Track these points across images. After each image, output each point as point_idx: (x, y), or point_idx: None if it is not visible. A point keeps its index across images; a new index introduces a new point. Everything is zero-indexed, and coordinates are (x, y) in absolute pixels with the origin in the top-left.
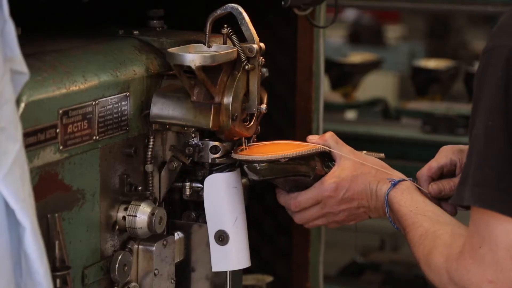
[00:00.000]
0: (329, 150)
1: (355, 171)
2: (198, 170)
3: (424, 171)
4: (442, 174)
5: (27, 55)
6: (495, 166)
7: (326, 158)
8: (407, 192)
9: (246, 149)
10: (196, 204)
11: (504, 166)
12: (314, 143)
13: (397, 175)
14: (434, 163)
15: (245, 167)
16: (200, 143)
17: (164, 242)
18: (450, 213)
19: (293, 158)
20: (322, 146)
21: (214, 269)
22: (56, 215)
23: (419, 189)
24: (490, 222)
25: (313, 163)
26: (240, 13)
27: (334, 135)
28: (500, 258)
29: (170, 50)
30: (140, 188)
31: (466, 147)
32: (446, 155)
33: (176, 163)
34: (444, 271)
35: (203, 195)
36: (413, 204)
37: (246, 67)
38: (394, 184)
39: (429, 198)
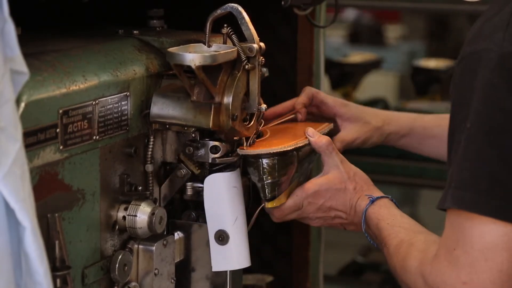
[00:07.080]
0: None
1: (339, 184)
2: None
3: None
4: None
5: (27, 55)
6: (473, 168)
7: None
8: (384, 207)
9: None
10: (196, 204)
11: (482, 167)
12: (313, 144)
13: (378, 192)
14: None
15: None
16: (200, 143)
17: (164, 242)
18: None
19: (299, 148)
20: (315, 148)
21: (214, 269)
22: (56, 215)
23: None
24: (466, 224)
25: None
26: (240, 12)
27: (331, 143)
28: (474, 260)
29: (170, 49)
30: (140, 188)
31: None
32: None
33: (185, 171)
34: (418, 275)
35: (203, 194)
36: (390, 217)
37: (246, 66)
38: (373, 200)
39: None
